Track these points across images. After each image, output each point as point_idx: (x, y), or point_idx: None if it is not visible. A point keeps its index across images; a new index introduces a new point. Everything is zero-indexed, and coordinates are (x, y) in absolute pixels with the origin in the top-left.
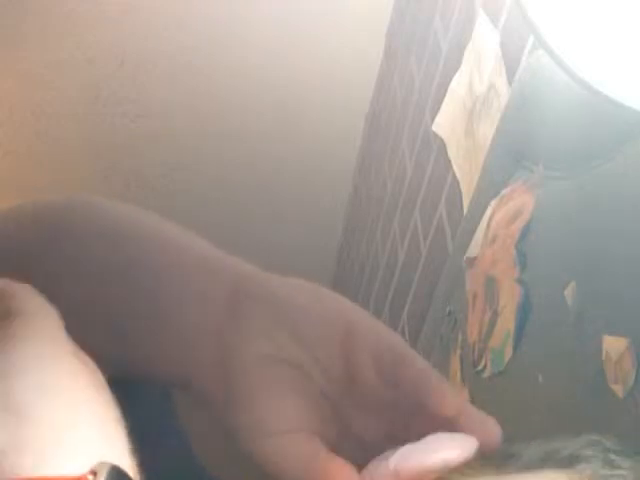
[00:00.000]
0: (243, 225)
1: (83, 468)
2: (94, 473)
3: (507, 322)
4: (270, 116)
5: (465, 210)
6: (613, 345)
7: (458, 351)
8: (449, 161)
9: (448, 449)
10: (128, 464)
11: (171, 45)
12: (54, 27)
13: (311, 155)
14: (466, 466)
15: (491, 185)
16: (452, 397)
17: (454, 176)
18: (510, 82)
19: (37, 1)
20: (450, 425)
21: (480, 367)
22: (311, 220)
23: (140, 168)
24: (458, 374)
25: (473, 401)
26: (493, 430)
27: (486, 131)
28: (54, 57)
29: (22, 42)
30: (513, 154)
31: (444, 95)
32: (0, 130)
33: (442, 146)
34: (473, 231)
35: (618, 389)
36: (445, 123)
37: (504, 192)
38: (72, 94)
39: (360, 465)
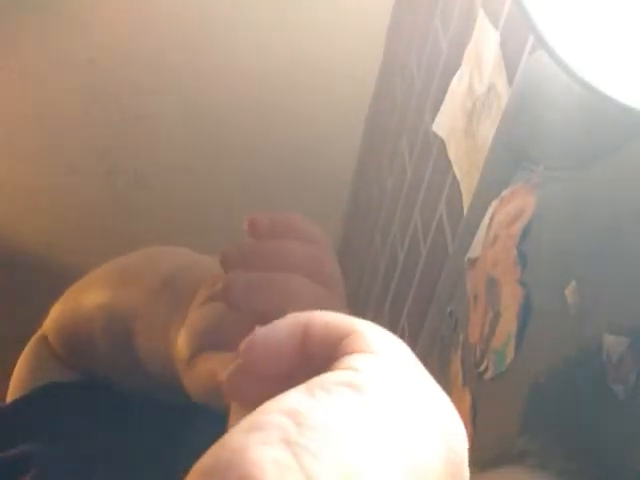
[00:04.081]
0: (243, 226)
1: None
2: None
3: (509, 323)
4: (270, 116)
5: (465, 210)
6: (614, 345)
7: (459, 352)
8: (449, 161)
9: None
10: None
11: (171, 45)
12: (54, 27)
13: (311, 155)
14: None
15: (491, 186)
16: None
17: (454, 176)
18: (510, 82)
19: (37, 1)
20: None
21: (482, 368)
22: (311, 221)
23: (140, 168)
24: (459, 375)
25: (475, 403)
26: None
27: (486, 131)
28: (54, 57)
29: (22, 42)
30: (513, 154)
31: (444, 95)
32: (0, 130)
33: (442, 146)
34: (474, 232)
35: (619, 389)
36: (445, 123)
37: (505, 193)
38: (72, 94)
39: None
